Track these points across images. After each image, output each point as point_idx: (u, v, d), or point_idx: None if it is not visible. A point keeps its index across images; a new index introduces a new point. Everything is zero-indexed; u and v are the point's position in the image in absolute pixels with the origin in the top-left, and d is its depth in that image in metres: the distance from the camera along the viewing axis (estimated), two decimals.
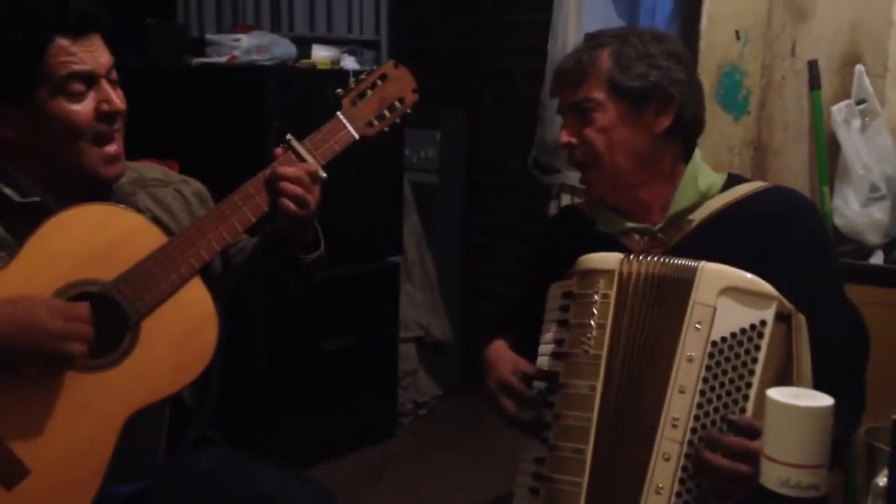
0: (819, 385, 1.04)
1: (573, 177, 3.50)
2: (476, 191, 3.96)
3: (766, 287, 1.22)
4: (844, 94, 2.57)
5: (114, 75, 1.41)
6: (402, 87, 1.50)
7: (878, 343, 1.45)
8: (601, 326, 1.30)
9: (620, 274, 1.31)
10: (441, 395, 3.77)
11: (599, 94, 1.43)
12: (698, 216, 1.44)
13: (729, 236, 1.41)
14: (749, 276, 1.23)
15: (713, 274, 1.25)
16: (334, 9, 3.83)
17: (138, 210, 1.44)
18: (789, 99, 2.63)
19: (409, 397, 3.63)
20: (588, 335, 1.30)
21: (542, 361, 1.40)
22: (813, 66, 2.55)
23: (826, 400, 0.83)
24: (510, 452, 1.47)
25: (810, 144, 2.59)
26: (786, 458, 0.81)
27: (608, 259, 1.34)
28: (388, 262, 3.39)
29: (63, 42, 1.34)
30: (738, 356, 1.21)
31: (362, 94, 1.48)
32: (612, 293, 1.31)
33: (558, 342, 1.37)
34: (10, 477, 1.26)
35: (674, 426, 1.21)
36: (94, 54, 1.37)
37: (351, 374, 3.23)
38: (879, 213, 2.48)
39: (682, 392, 1.22)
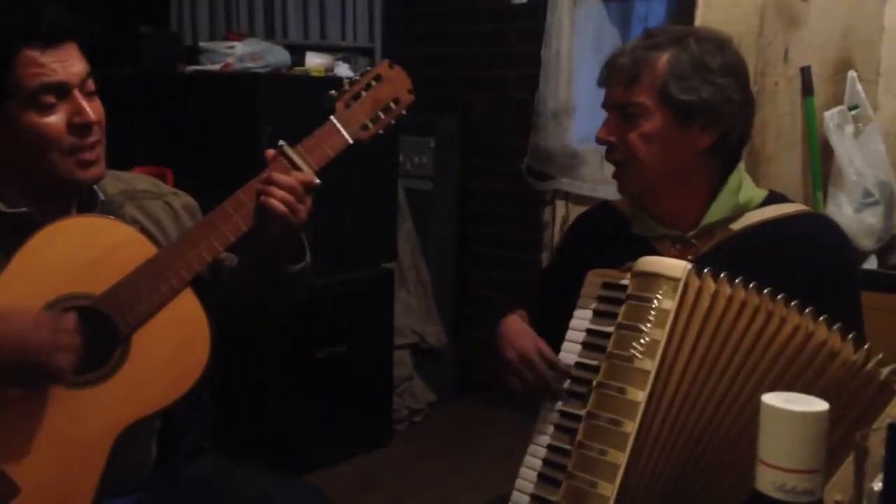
0: None
1: (567, 183, 3.51)
2: (470, 197, 3.96)
3: None
4: (837, 100, 2.59)
5: (90, 86, 1.35)
6: (396, 88, 1.46)
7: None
8: (655, 336, 1.24)
9: (686, 285, 1.24)
10: (436, 402, 3.77)
11: (648, 100, 1.39)
12: (734, 228, 1.42)
13: (760, 253, 1.39)
14: None
15: None
16: (328, 16, 3.83)
17: (126, 222, 1.41)
18: (782, 105, 2.64)
19: (405, 404, 3.62)
20: (640, 341, 1.24)
21: (570, 347, 1.36)
22: (805, 72, 2.56)
23: (821, 405, 0.82)
24: (505, 459, 1.46)
25: (803, 150, 2.60)
26: (781, 463, 0.81)
27: (674, 266, 1.27)
28: (382, 269, 3.38)
29: (32, 53, 1.28)
30: None
31: (356, 96, 1.43)
32: (674, 304, 1.23)
33: (593, 332, 1.33)
34: (0, 495, 1.24)
35: None
36: (65, 64, 1.31)
37: (346, 381, 3.22)
38: (872, 218, 2.49)
39: None
